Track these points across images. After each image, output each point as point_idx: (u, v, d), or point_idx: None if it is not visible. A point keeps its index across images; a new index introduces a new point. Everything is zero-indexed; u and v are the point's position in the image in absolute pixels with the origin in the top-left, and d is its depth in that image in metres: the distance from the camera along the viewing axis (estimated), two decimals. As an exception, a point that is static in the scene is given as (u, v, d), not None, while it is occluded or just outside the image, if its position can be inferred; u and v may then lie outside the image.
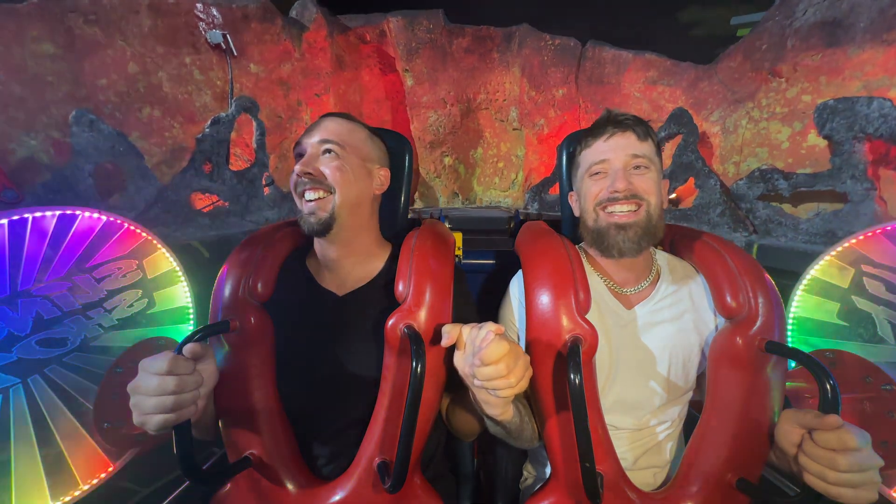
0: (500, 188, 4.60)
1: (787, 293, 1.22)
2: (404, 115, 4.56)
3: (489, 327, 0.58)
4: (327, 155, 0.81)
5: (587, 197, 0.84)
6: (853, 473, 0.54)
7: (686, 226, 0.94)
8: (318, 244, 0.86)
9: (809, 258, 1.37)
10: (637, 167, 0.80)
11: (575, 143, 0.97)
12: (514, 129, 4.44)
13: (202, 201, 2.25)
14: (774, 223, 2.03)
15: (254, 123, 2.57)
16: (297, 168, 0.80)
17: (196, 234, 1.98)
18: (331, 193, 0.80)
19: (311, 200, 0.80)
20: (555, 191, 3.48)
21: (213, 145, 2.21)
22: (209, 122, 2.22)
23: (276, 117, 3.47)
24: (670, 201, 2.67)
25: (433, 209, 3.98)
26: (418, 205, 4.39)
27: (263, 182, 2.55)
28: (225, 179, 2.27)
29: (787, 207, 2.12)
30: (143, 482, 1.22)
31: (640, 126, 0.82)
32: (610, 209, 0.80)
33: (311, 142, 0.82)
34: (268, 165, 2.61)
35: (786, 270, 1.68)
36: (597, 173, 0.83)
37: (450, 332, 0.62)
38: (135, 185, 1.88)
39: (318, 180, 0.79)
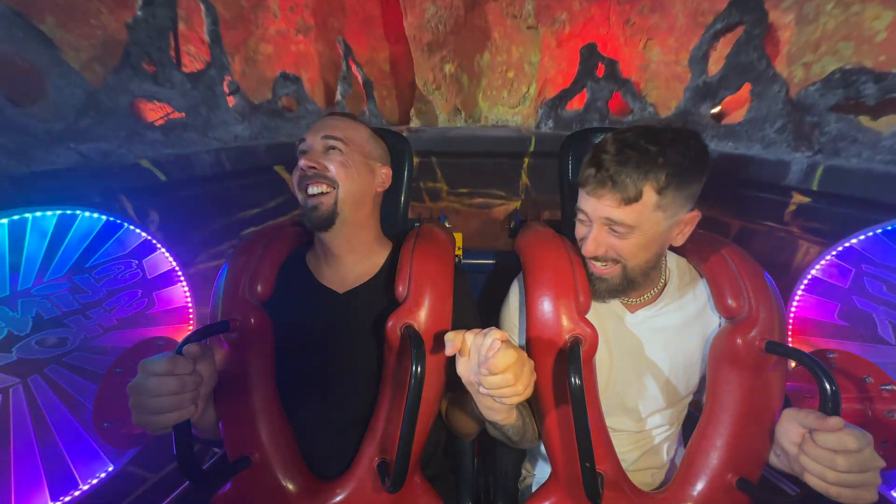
0: (509, 104, 3.70)
1: (854, 224, 1.07)
2: (396, 8, 3.62)
3: (494, 335, 0.57)
4: (331, 150, 0.82)
5: (576, 236, 0.79)
6: (853, 474, 0.54)
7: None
8: (320, 240, 0.86)
9: (889, 182, 1.10)
10: (615, 231, 0.70)
11: (577, 142, 0.97)
12: (528, 28, 3.45)
13: (153, 112, 1.76)
14: (847, 140, 1.59)
15: (202, 7, 1.94)
16: (302, 163, 0.81)
17: (146, 151, 1.58)
18: (334, 188, 0.81)
19: (313, 195, 0.80)
20: (573, 105, 2.82)
21: (150, 35, 1.64)
22: (140, 2, 1.64)
23: (236, 6, 2.62)
24: (712, 116, 2.11)
25: (431, 129, 3.26)
26: (415, 123, 3.58)
27: (226, 89, 2.03)
28: (175, 83, 1.76)
29: (864, 120, 1.62)
30: (152, 468, 1.21)
31: (631, 180, 0.66)
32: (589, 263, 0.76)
33: (315, 138, 0.83)
34: (229, 68, 2.07)
35: (858, 198, 1.35)
36: (581, 220, 0.76)
37: (453, 341, 0.60)
38: (55, 87, 1.42)
39: (321, 174, 0.80)
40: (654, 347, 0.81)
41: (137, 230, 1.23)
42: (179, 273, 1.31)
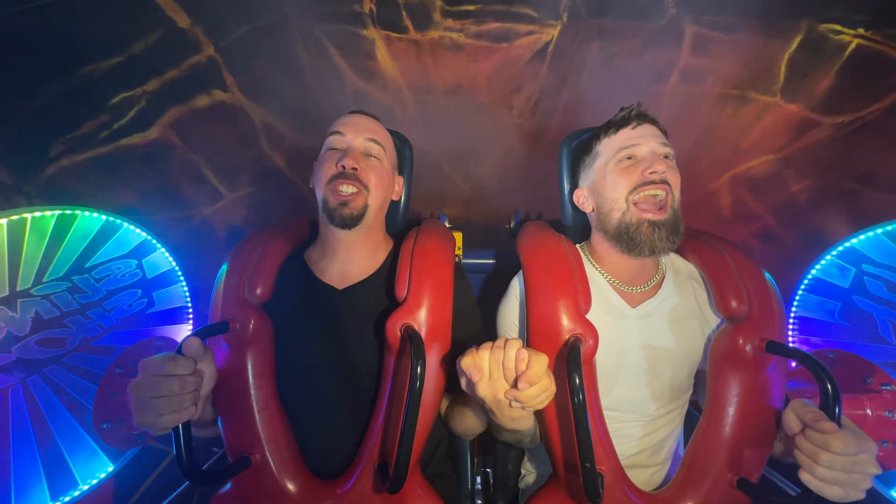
0: None
1: None
2: None
3: (515, 345, 0.56)
4: (372, 155, 0.84)
5: (616, 186, 0.79)
6: (834, 471, 0.55)
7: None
8: (333, 236, 0.86)
9: None
10: (666, 156, 0.79)
11: (577, 140, 0.97)
12: None
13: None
14: None
15: None
16: (346, 161, 0.80)
17: None
18: (365, 191, 0.82)
19: (344, 193, 0.80)
20: None
21: None
22: None
23: None
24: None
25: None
26: None
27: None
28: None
29: None
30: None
31: (661, 125, 0.82)
32: (643, 193, 0.76)
33: (356, 137, 0.84)
34: None
35: None
36: (628, 158, 0.79)
37: (476, 365, 0.57)
38: None
39: (357, 177, 0.81)
40: (658, 341, 0.81)
41: (137, 230, 1.23)
42: (179, 273, 1.31)
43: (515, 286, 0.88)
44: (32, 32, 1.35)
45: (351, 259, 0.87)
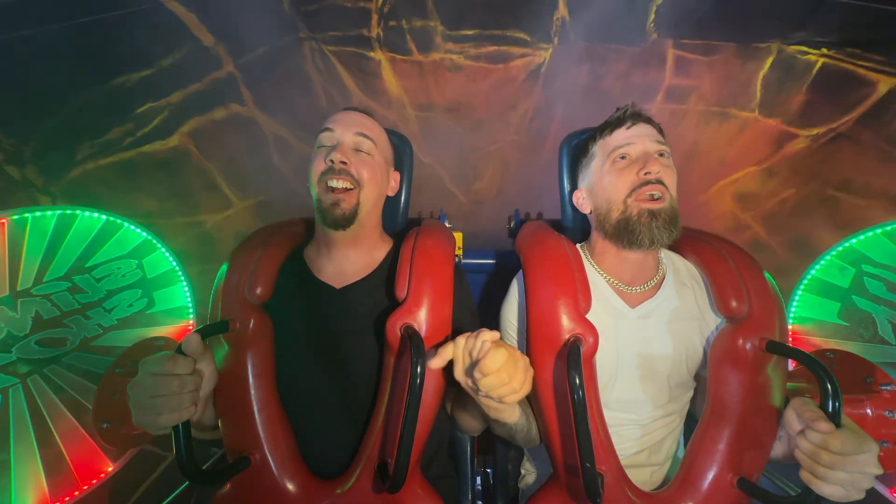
0: None
1: None
2: None
3: (484, 336, 0.58)
4: (362, 150, 0.84)
5: (615, 188, 0.80)
6: (835, 471, 0.55)
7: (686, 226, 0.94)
8: (327, 236, 0.86)
9: None
10: (661, 154, 0.79)
11: (577, 140, 0.97)
12: None
13: None
14: None
15: None
16: (334, 155, 0.80)
17: None
18: (357, 187, 0.81)
19: (336, 189, 0.80)
20: None
21: None
22: None
23: None
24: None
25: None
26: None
27: None
28: None
29: None
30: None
31: (656, 123, 0.82)
32: (641, 194, 0.77)
33: (346, 133, 0.83)
34: None
35: None
36: (622, 158, 0.80)
37: (441, 354, 0.61)
38: None
39: (348, 171, 0.81)
40: (657, 341, 0.81)
41: (137, 230, 1.23)
42: (179, 273, 1.31)
43: (515, 288, 0.88)
44: (74, 45, 1.47)
45: (347, 257, 0.87)
